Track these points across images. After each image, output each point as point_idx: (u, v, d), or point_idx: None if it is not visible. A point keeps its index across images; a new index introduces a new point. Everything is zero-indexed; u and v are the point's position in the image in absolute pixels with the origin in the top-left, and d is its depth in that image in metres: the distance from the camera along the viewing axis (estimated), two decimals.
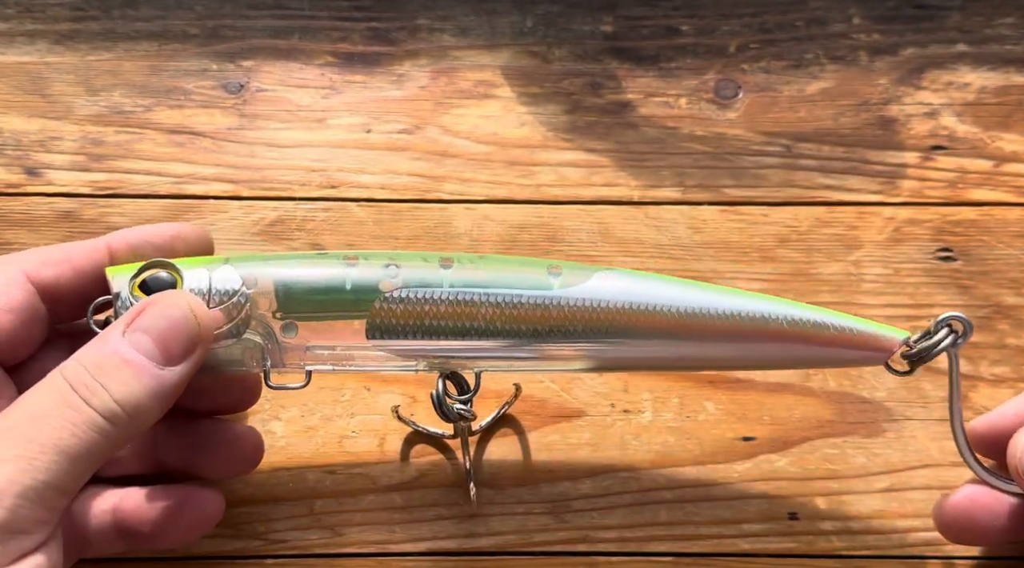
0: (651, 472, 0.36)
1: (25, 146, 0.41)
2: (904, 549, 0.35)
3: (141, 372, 0.27)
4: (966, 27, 0.45)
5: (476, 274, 0.31)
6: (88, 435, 0.26)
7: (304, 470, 0.36)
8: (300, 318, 0.30)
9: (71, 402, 0.26)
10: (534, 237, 0.40)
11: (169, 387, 0.28)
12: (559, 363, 0.32)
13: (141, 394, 0.27)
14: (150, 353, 0.27)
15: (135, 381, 0.27)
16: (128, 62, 0.43)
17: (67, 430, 0.26)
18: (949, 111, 0.43)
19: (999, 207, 0.41)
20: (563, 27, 0.45)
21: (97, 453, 0.26)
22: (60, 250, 0.31)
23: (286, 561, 0.34)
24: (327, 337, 0.31)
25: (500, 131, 0.42)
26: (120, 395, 0.27)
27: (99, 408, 0.26)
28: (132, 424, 0.27)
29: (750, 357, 0.32)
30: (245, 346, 0.30)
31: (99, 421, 0.26)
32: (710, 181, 0.41)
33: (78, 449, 0.26)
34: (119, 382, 0.27)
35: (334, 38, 0.44)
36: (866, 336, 0.32)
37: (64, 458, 0.25)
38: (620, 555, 0.35)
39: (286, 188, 0.41)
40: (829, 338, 0.32)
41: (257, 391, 0.34)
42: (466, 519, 0.35)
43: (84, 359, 0.27)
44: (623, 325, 0.31)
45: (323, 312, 0.31)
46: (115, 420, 0.26)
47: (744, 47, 0.44)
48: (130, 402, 0.27)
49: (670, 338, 0.31)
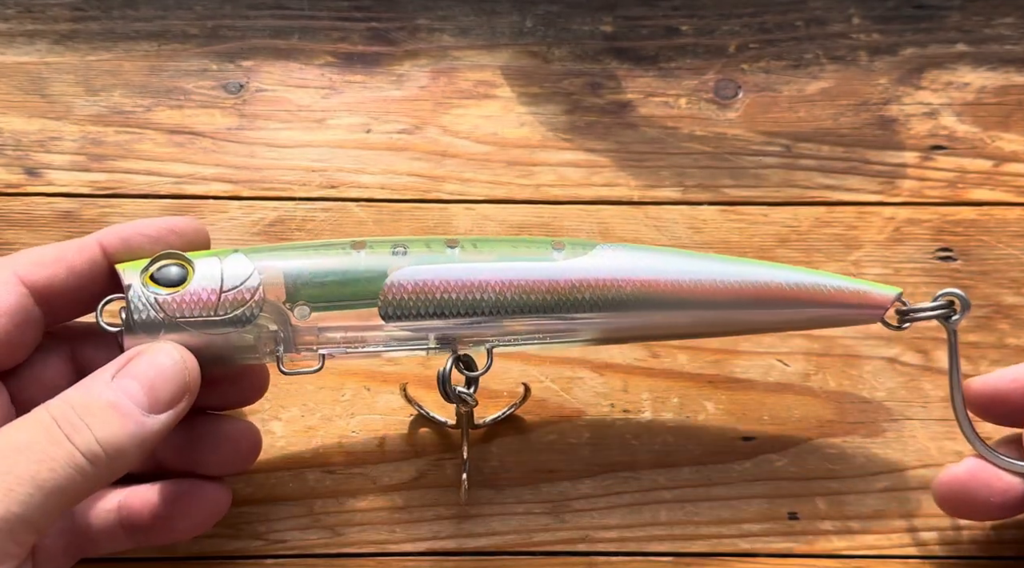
0: (651, 472, 0.36)
1: (25, 146, 0.41)
2: (904, 549, 0.35)
3: (126, 417, 0.27)
4: (966, 27, 0.45)
5: (482, 253, 0.32)
6: (66, 472, 0.26)
7: (304, 470, 0.36)
8: (313, 307, 0.31)
9: (53, 437, 0.26)
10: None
11: (151, 435, 0.28)
12: (568, 336, 0.33)
13: (124, 438, 0.27)
14: (138, 399, 0.27)
15: (119, 425, 0.27)
16: (128, 62, 0.43)
17: (45, 465, 0.25)
18: (949, 111, 0.43)
19: (999, 207, 0.41)
20: (563, 27, 0.45)
21: (72, 492, 0.26)
22: (52, 250, 0.31)
23: (286, 561, 0.34)
24: (339, 319, 0.31)
25: (500, 131, 0.42)
26: (103, 436, 0.27)
27: (81, 447, 0.26)
28: (110, 467, 0.27)
29: (752, 321, 0.33)
30: (259, 332, 0.30)
31: (79, 459, 0.26)
32: (710, 181, 0.41)
33: (54, 485, 0.25)
34: (103, 423, 0.27)
35: (334, 38, 0.44)
36: (862, 294, 0.33)
37: (39, 493, 0.25)
38: (620, 555, 0.35)
39: (286, 188, 0.41)
40: (827, 297, 0.33)
41: (264, 386, 0.34)
42: (466, 519, 0.35)
43: (71, 398, 0.27)
44: (627, 294, 0.32)
45: (334, 299, 0.31)
46: (95, 460, 0.26)
47: (744, 47, 0.44)
48: (112, 445, 0.27)
49: (673, 306, 0.32)
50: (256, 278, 0.30)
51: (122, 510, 0.31)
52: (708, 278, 0.32)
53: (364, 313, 0.31)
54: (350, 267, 0.31)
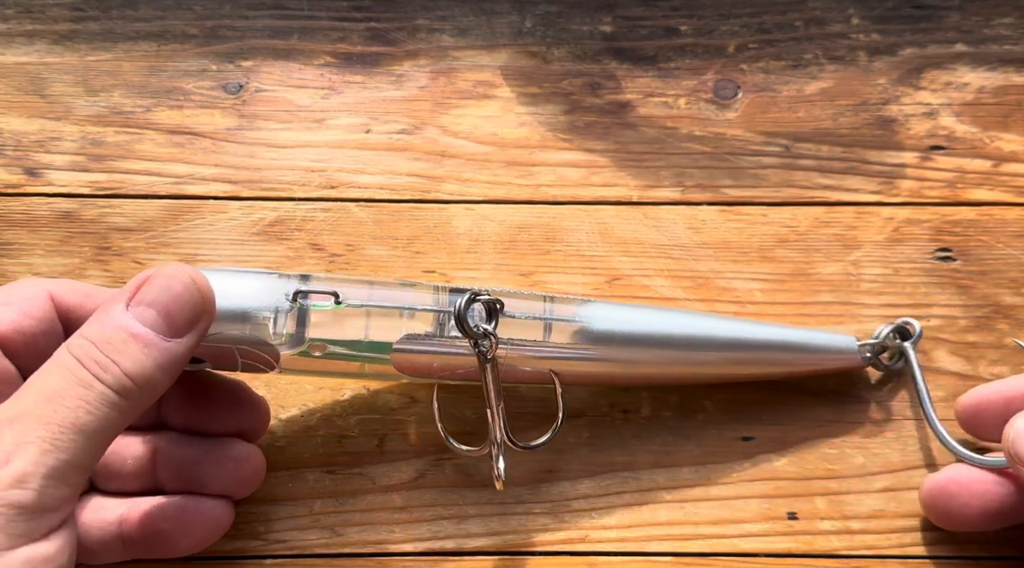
0: (650, 472, 0.36)
1: (25, 146, 0.41)
2: (904, 549, 0.35)
3: (149, 345, 0.27)
4: (965, 27, 0.45)
5: None
6: (102, 411, 0.26)
7: (304, 470, 0.36)
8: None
9: (83, 380, 0.26)
10: (533, 237, 0.40)
11: (177, 358, 0.28)
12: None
13: (151, 367, 0.27)
14: (156, 326, 0.28)
15: (144, 355, 0.27)
16: (128, 62, 0.43)
17: (83, 409, 0.26)
18: (948, 111, 0.43)
19: (998, 207, 0.41)
20: (562, 27, 0.45)
21: (111, 428, 0.27)
22: (87, 286, 0.32)
23: (286, 561, 0.34)
24: None
25: (499, 131, 0.42)
26: (131, 369, 0.27)
27: (111, 384, 0.27)
28: (143, 396, 0.27)
29: (735, 374, 0.36)
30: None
31: (112, 397, 0.27)
32: (709, 181, 0.41)
33: (95, 426, 0.26)
34: (128, 357, 0.27)
35: (333, 38, 0.44)
36: (827, 350, 0.36)
37: (82, 436, 0.26)
38: (619, 555, 0.35)
39: (286, 188, 0.41)
40: (796, 358, 0.36)
41: (265, 419, 0.35)
42: (465, 519, 0.35)
43: (90, 334, 0.27)
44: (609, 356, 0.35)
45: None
46: (127, 394, 0.27)
47: (743, 47, 0.44)
48: (141, 375, 0.27)
49: (659, 363, 0.35)
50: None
51: (123, 524, 0.31)
52: (692, 340, 0.35)
53: None
54: (359, 338, 0.33)
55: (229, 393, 0.34)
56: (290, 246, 0.40)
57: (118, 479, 0.33)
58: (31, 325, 0.30)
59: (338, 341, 0.32)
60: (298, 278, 0.32)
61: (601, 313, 0.34)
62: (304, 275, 0.32)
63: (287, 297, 0.31)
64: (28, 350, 0.30)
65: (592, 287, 0.39)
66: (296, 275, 0.32)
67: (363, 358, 0.33)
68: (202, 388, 0.33)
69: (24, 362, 0.30)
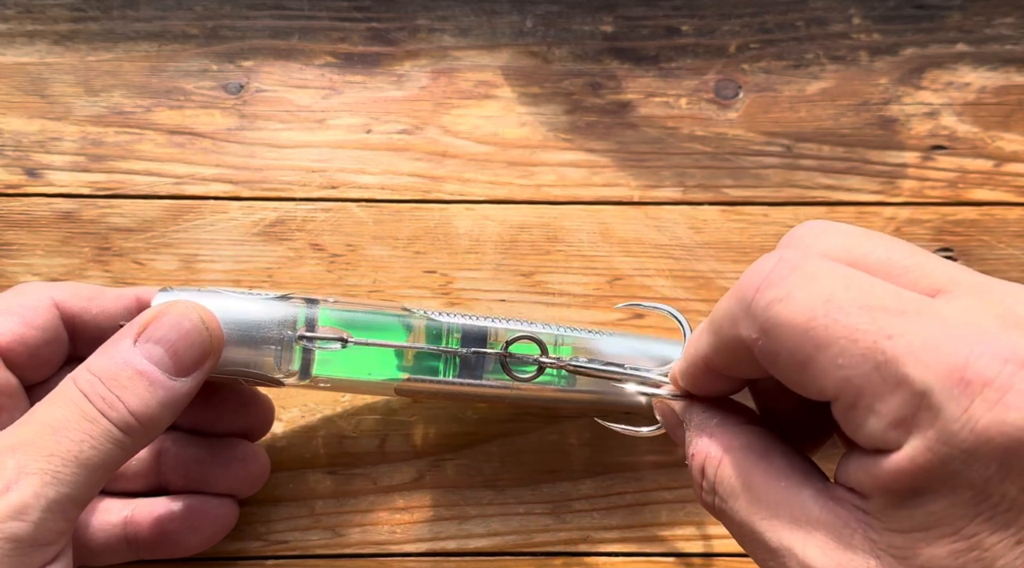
0: (652, 472, 0.36)
1: (25, 147, 0.41)
2: None
3: (155, 383, 0.27)
4: (966, 27, 0.45)
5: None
6: (106, 447, 0.26)
7: (304, 471, 0.36)
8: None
9: (88, 414, 0.26)
10: (534, 237, 0.40)
11: (182, 397, 0.28)
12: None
13: (155, 406, 0.27)
14: (163, 364, 0.28)
15: (149, 393, 0.27)
16: (128, 63, 0.43)
17: (87, 443, 0.26)
18: (949, 111, 0.43)
19: (999, 207, 0.41)
20: (563, 27, 0.44)
21: (113, 463, 0.27)
22: (91, 289, 0.32)
23: (287, 562, 0.34)
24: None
25: (500, 131, 0.42)
26: (135, 407, 0.27)
27: (115, 420, 0.27)
28: (146, 434, 0.27)
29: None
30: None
31: (116, 433, 0.27)
32: (710, 181, 0.41)
33: (97, 461, 0.26)
34: (133, 394, 0.27)
35: (334, 38, 0.44)
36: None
37: (84, 471, 0.26)
38: (621, 555, 0.35)
39: (286, 188, 0.41)
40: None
41: (270, 419, 0.35)
42: (467, 520, 0.35)
43: (97, 369, 0.27)
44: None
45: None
46: (131, 432, 0.27)
47: (744, 47, 0.44)
48: (144, 414, 0.27)
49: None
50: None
51: (128, 526, 0.31)
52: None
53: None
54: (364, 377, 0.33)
55: (234, 393, 0.34)
56: (291, 246, 0.40)
57: (122, 480, 0.33)
58: (34, 335, 0.30)
59: (343, 380, 0.32)
60: (305, 303, 0.31)
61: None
62: (311, 299, 0.32)
63: (293, 337, 0.31)
64: (31, 361, 0.30)
65: (593, 287, 0.39)
66: (303, 300, 0.32)
67: (368, 389, 0.33)
68: (207, 389, 0.33)
69: (27, 373, 0.30)
